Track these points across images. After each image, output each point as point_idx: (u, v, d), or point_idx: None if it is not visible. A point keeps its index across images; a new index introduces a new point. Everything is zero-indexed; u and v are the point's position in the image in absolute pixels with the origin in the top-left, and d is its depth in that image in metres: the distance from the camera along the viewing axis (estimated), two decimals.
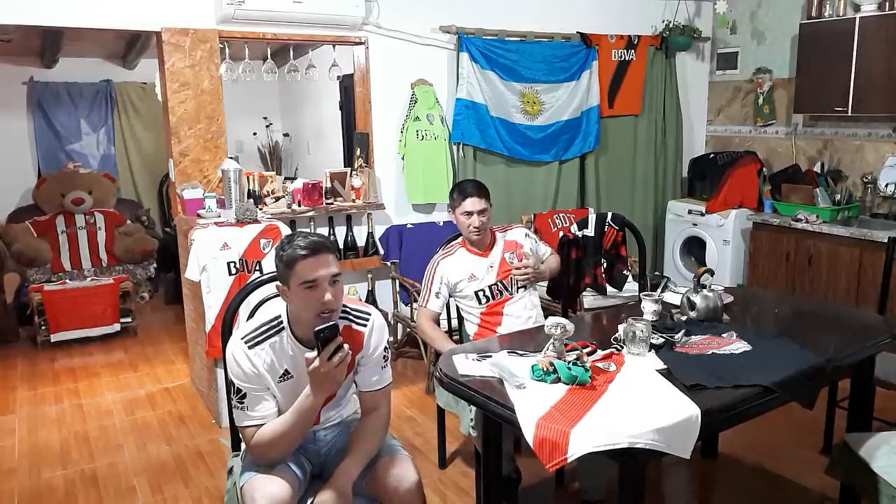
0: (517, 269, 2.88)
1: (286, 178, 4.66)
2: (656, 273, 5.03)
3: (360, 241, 4.30)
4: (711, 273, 2.63)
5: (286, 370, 1.96)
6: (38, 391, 4.12)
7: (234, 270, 3.35)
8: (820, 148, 4.93)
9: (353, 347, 1.97)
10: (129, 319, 5.11)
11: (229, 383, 1.95)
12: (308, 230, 2.99)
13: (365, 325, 2.03)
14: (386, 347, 2.07)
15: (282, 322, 1.96)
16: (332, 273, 1.88)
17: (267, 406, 1.93)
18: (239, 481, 1.98)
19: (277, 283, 1.95)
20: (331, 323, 1.83)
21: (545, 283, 3.32)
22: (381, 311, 2.26)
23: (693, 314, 2.47)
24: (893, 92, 4.15)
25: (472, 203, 2.83)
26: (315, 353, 1.81)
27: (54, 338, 4.83)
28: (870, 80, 4.25)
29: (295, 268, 1.85)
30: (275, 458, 1.94)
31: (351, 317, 2.02)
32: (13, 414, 3.81)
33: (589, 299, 3.92)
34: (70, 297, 4.89)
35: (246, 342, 1.93)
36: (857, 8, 4.37)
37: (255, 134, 7.37)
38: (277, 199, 4.06)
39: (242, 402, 1.92)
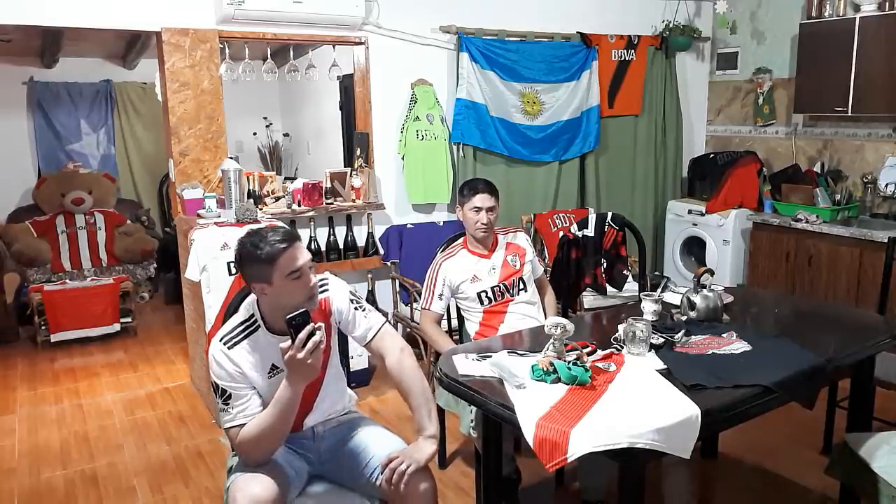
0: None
1: (286, 178, 4.67)
2: (656, 273, 5.03)
3: (360, 241, 4.30)
4: (711, 273, 2.63)
5: (273, 365, 1.96)
6: (38, 391, 4.12)
7: (234, 270, 3.34)
8: (820, 148, 4.93)
9: (325, 316, 2.01)
10: (129, 319, 5.11)
11: (213, 387, 1.94)
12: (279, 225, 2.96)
13: (327, 290, 2.07)
14: (352, 298, 2.09)
15: (256, 319, 1.97)
16: (309, 258, 1.93)
17: (252, 405, 1.92)
18: (227, 482, 1.96)
19: (253, 283, 1.92)
20: (301, 310, 1.82)
21: None
22: (381, 311, 2.26)
23: (693, 314, 2.46)
24: (893, 92, 4.15)
25: (482, 199, 2.83)
26: (289, 342, 1.80)
27: (54, 338, 4.83)
28: (870, 80, 4.25)
29: (278, 262, 1.85)
30: (262, 455, 1.91)
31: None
32: (13, 414, 3.81)
33: (589, 299, 3.92)
34: (70, 297, 4.89)
35: (224, 343, 1.94)
36: (857, 8, 4.37)
37: (255, 134, 7.38)
38: (277, 199, 4.06)
39: (228, 403, 1.91)
